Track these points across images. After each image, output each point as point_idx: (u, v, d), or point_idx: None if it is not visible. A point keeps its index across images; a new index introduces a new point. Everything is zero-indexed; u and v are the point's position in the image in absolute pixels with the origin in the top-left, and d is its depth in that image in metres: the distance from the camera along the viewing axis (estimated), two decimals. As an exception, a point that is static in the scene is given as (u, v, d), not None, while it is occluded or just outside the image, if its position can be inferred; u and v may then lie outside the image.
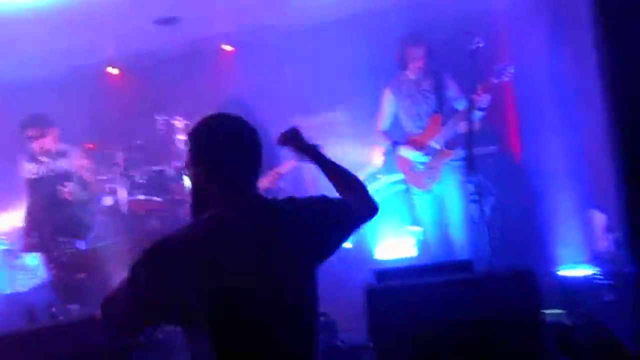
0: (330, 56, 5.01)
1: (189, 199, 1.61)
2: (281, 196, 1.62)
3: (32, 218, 3.88)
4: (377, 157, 5.13)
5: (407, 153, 3.62)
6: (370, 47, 4.80)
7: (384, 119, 3.83)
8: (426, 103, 3.59)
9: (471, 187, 2.79)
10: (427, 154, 3.54)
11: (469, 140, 2.99)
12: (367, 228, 4.80)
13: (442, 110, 3.59)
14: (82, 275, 3.65)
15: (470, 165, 2.83)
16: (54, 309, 2.92)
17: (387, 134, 3.85)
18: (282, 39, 5.36)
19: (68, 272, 3.60)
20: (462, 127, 3.29)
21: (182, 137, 4.80)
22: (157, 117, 4.96)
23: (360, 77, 4.88)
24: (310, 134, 5.07)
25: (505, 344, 1.97)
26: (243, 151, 1.50)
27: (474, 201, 2.75)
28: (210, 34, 5.63)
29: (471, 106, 3.16)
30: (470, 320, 1.93)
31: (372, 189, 4.87)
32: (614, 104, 2.53)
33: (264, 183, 3.95)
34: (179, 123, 4.74)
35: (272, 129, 4.27)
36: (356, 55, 4.87)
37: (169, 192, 4.92)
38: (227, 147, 1.49)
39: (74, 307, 3.13)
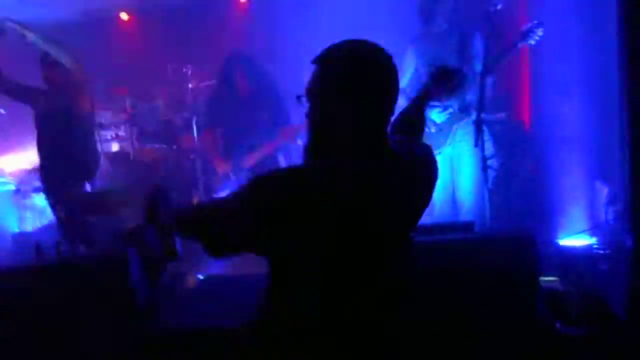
0: (347, 9, 4.89)
1: (303, 139, 1.43)
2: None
3: (41, 158, 3.91)
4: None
5: (428, 112, 3.57)
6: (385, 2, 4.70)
7: (404, 75, 3.64)
8: (449, 60, 3.37)
9: (480, 153, 2.76)
10: (445, 111, 3.43)
11: (480, 104, 2.93)
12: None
13: (463, 68, 3.47)
14: (91, 218, 3.70)
15: (479, 130, 2.80)
16: (61, 247, 2.97)
17: (404, 91, 3.76)
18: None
19: (77, 214, 3.65)
20: (476, 90, 3.21)
21: (192, 85, 4.78)
22: (168, 66, 4.92)
23: (375, 30, 4.78)
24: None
25: (500, 306, 2.02)
26: (393, 94, 1.32)
27: (482, 166, 2.74)
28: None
29: (486, 69, 3.07)
30: (467, 280, 1.97)
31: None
32: (631, 79, 2.49)
33: (278, 142, 3.91)
34: (189, 71, 4.70)
35: (282, 84, 4.30)
36: (372, 8, 4.77)
37: (176, 142, 4.94)
38: (385, 83, 1.30)
39: (82, 248, 3.19)
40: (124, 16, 6.00)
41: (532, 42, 3.19)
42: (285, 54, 5.17)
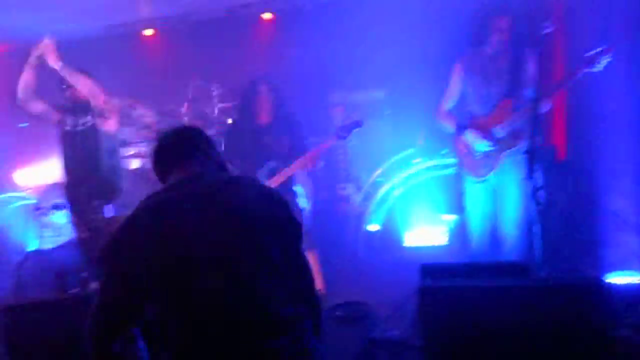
0: (373, 31, 4.81)
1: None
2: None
3: (66, 177, 3.84)
4: (415, 140, 4.99)
5: (473, 139, 3.28)
6: (415, 23, 4.60)
7: (450, 98, 3.43)
8: (499, 84, 3.24)
9: (531, 184, 2.58)
10: (492, 144, 3.24)
11: (533, 132, 2.75)
12: (397, 213, 4.70)
13: (514, 94, 3.19)
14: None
15: (532, 160, 2.62)
16: (84, 274, 2.86)
17: (451, 114, 3.45)
18: (324, 10, 5.16)
19: (100, 236, 3.55)
20: (529, 116, 3.02)
21: (219, 105, 4.69)
22: (192, 83, 4.83)
23: (402, 55, 4.70)
24: (351, 113, 4.92)
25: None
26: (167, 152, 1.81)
27: (533, 199, 2.55)
28: (251, 0, 5.46)
29: (541, 94, 2.89)
30: (530, 331, 1.80)
31: (407, 173, 4.78)
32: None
33: (297, 167, 3.77)
34: (216, 91, 4.62)
35: (301, 109, 4.21)
36: (400, 31, 4.67)
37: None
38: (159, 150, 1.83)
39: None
40: (148, 32, 5.94)
41: (597, 69, 3.00)
42: (309, 73, 5.10)
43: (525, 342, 1.79)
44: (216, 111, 4.74)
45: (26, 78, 3.67)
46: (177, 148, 1.76)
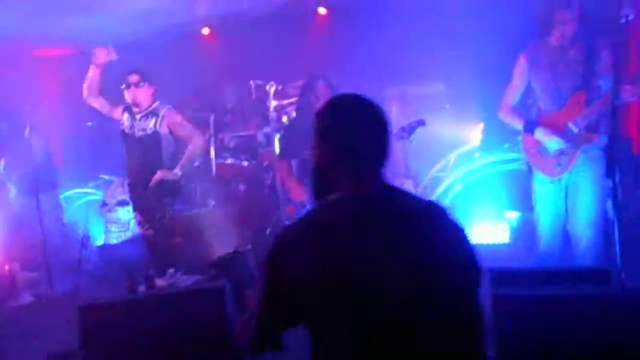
0: (430, 23, 4.68)
1: (309, 181, 1.49)
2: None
3: (129, 177, 3.95)
4: (475, 134, 4.85)
5: (544, 138, 3.08)
6: (475, 14, 4.45)
7: (515, 93, 3.26)
8: (569, 76, 3.03)
9: (609, 182, 2.40)
10: (566, 141, 3.04)
11: (611, 125, 2.57)
12: (458, 209, 4.58)
13: (587, 86, 2.99)
14: (177, 240, 3.69)
15: (612, 156, 2.45)
16: (151, 272, 2.94)
17: (517, 110, 3.28)
18: (379, 2, 5.08)
19: (164, 235, 3.65)
20: (605, 109, 2.83)
21: (275, 102, 4.71)
22: (251, 82, 4.87)
23: (463, 48, 4.56)
24: (407, 107, 4.82)
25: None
26: (370, 132, 1.40)
27: (612, 199, 2.38)
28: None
29: (618, 85, 2.69)
30: (613, 344, 1.69)
31: (467, 168, 4.65)
32: None
33: None
34: (272, 89, 4.63)
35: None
36: (460, 23, 4.53)
37: (257, 158, 4.88)
38: (353, 127, 1.39)
39: (170, 271, 3.15)
40: (205, 31, 6.04)
41: None
42: (365, 67, 5.04)
43: (606, 355, 1.68)
44: (272, 109, 4.76)
45: (90, 76, 3.85)
46: (364, 146, 1.39)
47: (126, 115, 3.88)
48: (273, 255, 1.33)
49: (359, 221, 1.31)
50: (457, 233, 1.38)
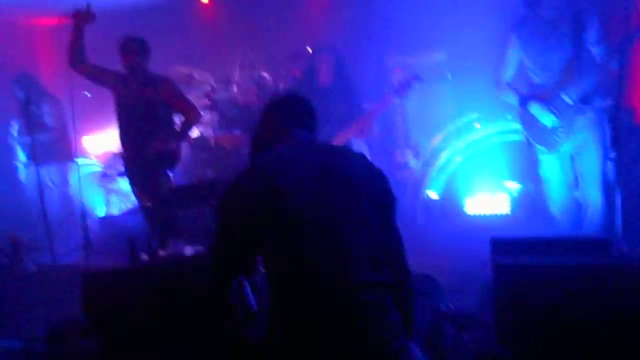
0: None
1: (250, 145, 1.92)
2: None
3: (123, 148, 3.86)
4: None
5: (539, 113, 3.10)
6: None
7: (509, 67, 3.26)
8: (560, 48, 3.03)
9: (609, 146, 2.39)
10: (560, 117, 3.03)
11: (610, 91, 2.55)
12: (459, 180, 4.57)
13: (579, 56, 2.99)
14: (176, 211, 3.67)
15: (616, 123, 2.42)
16: (152, 242, 2.94)
17: (511, 86, 3.29)
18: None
19: (162, 205, 3.62)
20: (599, 77, 2.81)
21: (265, 75, 4.66)
22: (246, 53, 4.80)
23: (465, 17, 4.49)
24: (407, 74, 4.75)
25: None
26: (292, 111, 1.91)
27: (612, 160, 2.36)
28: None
29: (612, 50, 2.66)
30: (611, 313, 1.70)
31: (469, 139, 4.61)
32: None
33: (353, 131, 3.78)
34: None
35: (359, 72, 4.12)
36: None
37: (257, 128, 4.83)
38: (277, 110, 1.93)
39: (171, 242, 3.15)
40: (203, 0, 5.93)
41: None
42: (368, 37, 4.96)
43: (605, 324, 1.70)
44: (270, 76, 4.70)
45: (71, 39, 3.62)
46: (292, 116, 1.87)
47: (120, 84, 3.74)
48: (224, 195, 1.68)
49: (291, 157, 1.69)
50: (372, 166, 1.77)
